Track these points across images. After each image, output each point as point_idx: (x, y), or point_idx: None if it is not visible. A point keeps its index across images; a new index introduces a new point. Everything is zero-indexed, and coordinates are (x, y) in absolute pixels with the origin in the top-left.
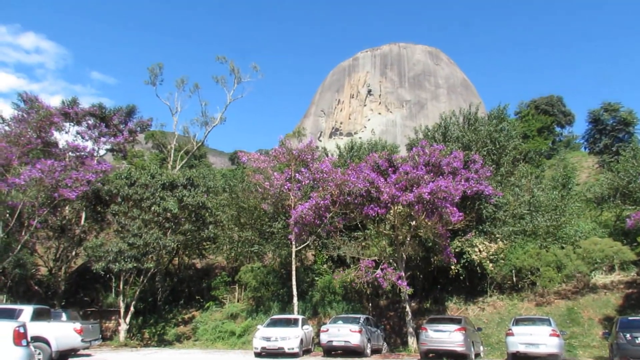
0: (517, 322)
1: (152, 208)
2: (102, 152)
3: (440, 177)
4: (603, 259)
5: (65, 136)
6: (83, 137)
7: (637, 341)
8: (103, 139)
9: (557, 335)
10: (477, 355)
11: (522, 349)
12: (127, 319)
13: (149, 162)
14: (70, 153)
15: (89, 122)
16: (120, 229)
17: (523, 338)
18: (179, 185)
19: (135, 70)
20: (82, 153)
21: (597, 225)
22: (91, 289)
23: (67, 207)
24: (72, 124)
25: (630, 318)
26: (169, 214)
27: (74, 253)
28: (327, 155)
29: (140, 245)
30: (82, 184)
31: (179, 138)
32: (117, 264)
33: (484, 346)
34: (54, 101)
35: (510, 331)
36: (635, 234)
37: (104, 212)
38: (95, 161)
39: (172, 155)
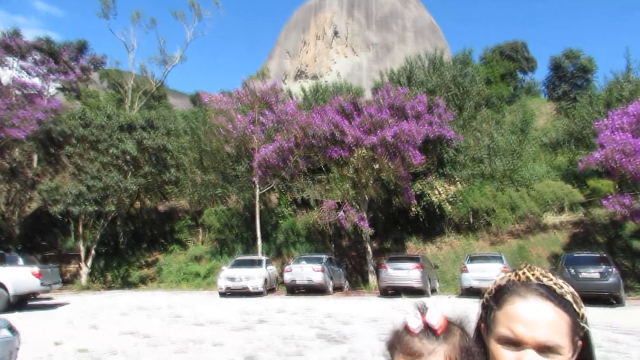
0: (471, 259)
1: (110, 150)
2: (52, 90)
3: (404, 120)
4: (554, 201)
5: (9, 72)
6: (29, 73)
7: (580, 276)
8: (52, 76)
9: (508, 271)
10: (433, 290)
11: (475, 284)
12: (89, 263)
13: (105, 102)
14: (16, 91)
15: (36, 57)
16: (76, 171)
17: (476, 274)
18: (137, 127)
19: (86, 1)
20: (31, 91)
21: (550, 169)
22: (49, 233)
23: (16, 149)
24: (15, 58)
25: (575, 254)
26: (128, 157)
27: (27, 196)
28: (292, 98)
29: (99, 188)
30: (31, 123)
31: (136, 78)
32: (76, 207)
33: (440, 282)
34: None
35: (465, 267)
36: (585, 177)
37: (58, 154)
38: (46, 100)
39: (129, 95)
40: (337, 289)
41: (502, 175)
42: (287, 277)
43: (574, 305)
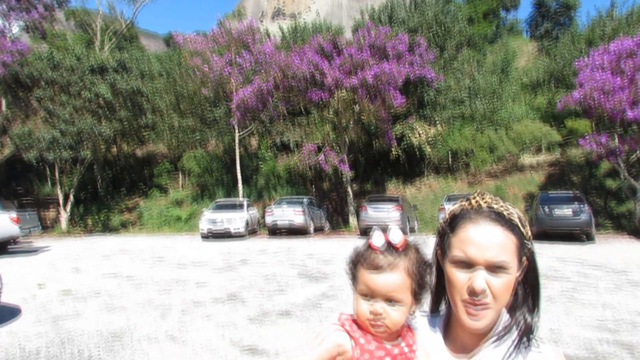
0: (449, 199)
1: (83, 94)
2: (16, 31)
3: (385, 60)
4: (532, 141)
5: None
6: None
7: (553, 214)
8: (14, 14)
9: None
10: (412, 230)
11: None
12: (68, 208)
13: (73, 43)
14: None
15: None
16: (48, 116)
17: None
18: (109, 69)
19: None
20: None
21: (530, 109)
22: (24, 179)
23: None
24: None
25: (549, 194)
26: (101, 100)
27: None
28: (270, 38)
29: (73, 133)
30: None
31: (104, 17)
32: (51, 152)
33: (418, 222)
34: None
35: (443, 207)
36: (563, 117)
37: (28, 97)
38: (9, 41)
39: (98, 36)
40: (318, 230)
41: (482, 116)
42: (269, 219)
43: (521, 227)
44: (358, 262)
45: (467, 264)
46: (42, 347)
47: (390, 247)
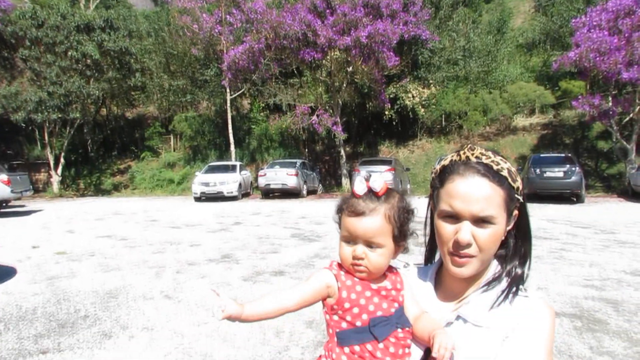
0: (441, 161)
1: (69, 53)
2: None
3: (379, 19)
4: (526, 103)
5: None
6: None
7: (544, 175)
8: None
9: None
10: (404, 191)
11: None
12: (59, 171)
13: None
14: None
15: None
16: (35, 76)
17: None
18: (96, 28)
19: None
20: None
21: (524, 70)
22: (13, 141)
23: None
24: None
25: (541, 155)
26: (89, 60)
27: None
28: None
29: (61, 95)
30: None
31: None
32: (39, 114)
33: (411, 184)
34: None
35: (435, 169)
36: (557, 79)
37: (13, 57)
38: None
39: None
40: (311, 192)
41: (476, 77)
42: (262, 181)
43: (509, 180)
44: (342, 209)
45: (454, 217)
46: (38, 305)
47: (371, 193)
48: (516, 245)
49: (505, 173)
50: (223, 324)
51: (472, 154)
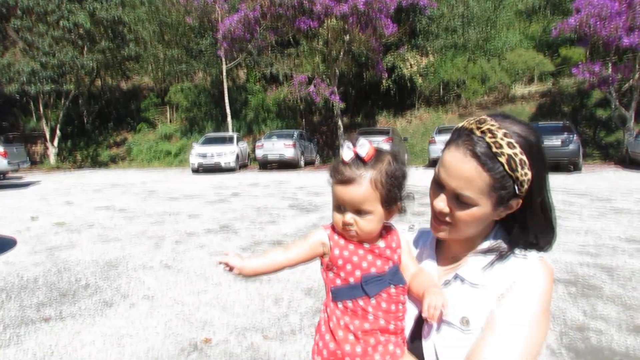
0: (440, 131)
1: (61, 23)
2: None
3: None
4: (524, 71)
5: None
6: None
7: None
8: None
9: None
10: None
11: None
12: (55, 143)
13: None
14: None
15: None
16: (27, 47)
17: (442, 145)
18: None
19: None
20: None
21: (524, 38)
22: (8, 113)
23: None
24: None
25: (539, 124)
26: (81, 30)
27: None
28: None
29: (54, 65)
30: None
31: None
32: (32, 86)
33: (408, 154)
34: None
35: (433, 139)
36: (557, 46)
37: (4, 27)
38: None
39: None
40: (309, 163)
41: (475, 45)
42: (259, 152)
43: (506, 167)
44: (332, 176)
45: (439, 185)
46: (39, 275)
47: (358, 159)
48: (522, 233)
49: (503, 159)
50: (222, 292)
51: (478, 128)
